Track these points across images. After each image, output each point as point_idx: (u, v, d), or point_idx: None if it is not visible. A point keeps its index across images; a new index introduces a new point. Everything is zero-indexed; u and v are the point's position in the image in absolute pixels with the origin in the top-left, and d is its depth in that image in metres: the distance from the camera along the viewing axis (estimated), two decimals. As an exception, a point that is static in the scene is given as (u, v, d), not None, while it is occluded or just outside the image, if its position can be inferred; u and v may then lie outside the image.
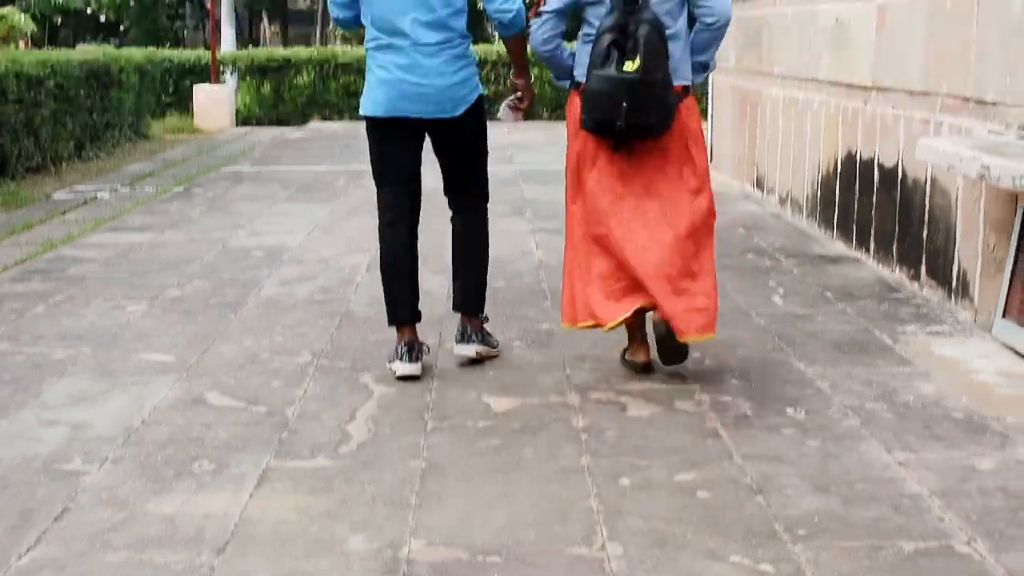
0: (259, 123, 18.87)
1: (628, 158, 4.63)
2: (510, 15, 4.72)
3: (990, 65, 5.49)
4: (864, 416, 4.26)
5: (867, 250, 7.17)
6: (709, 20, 4.59)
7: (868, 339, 5.36)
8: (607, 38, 4.42)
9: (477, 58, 4.99)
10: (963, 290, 5.74)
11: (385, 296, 4.94)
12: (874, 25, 7.04)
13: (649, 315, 4.72)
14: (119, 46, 23.19)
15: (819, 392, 4.56)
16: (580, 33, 4.68)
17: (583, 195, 4.72)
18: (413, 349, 4.78)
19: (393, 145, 4.87)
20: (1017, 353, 5.02)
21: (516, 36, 4.83)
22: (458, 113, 4.78)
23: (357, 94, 18.64)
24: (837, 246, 7.65)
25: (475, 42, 6.48)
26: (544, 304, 6.06)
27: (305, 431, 4.15)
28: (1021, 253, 5.16)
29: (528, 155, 12.10)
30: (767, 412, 4.32)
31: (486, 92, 5.07)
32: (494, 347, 5.11)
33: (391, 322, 4.92)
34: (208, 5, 23.18)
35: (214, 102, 17.98)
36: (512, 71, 5.19)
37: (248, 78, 19.50)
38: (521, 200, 9.59)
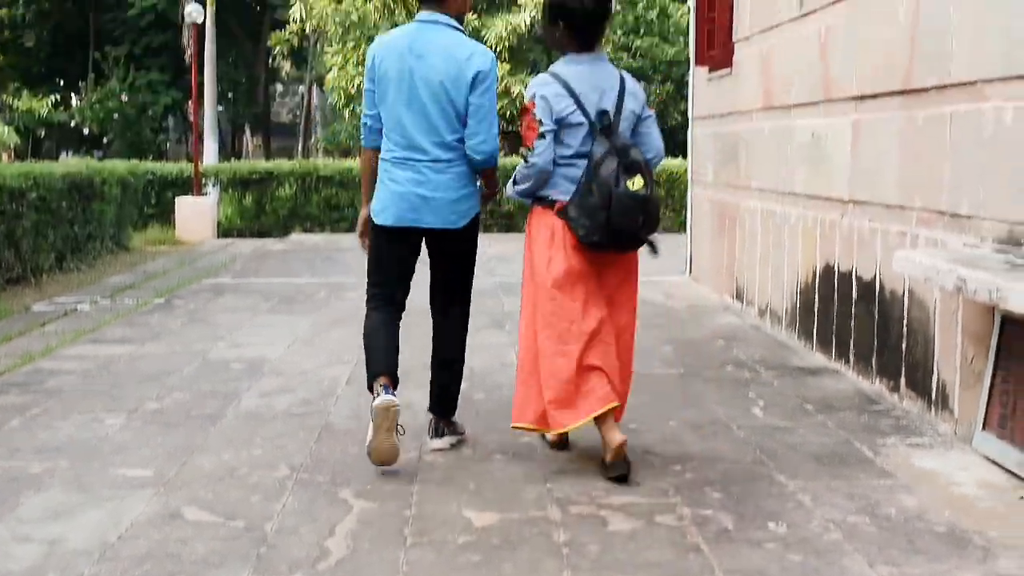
0: (240, 235, 18.94)
1: (600, 265, 5.08)
2: (484, 156, 5.17)
3: (963, 179, 5.58)
4: (846, 530, 4.24)
5: (847, 362, 7.19)
6: (650, 155, 5.08)
7: (849, 451, 5.36)
8: (613, 161, 4.84)
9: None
10: (943, 402, 5.76)
11: (366, 358, 5.26)
12: (849, 140, 7.15)
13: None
14: (102, 158, 23.37)
15: (800, 505, 4.54)
16: (547, 146, 4.99)
17: (552, 299, 5.08)
18: (389, 388, 5.01)
19: (396, 249, 5.30)
20: (998, 465, 5.02)
21: (487, 170, 5.30)
22: (460, 225, 5.22)
23: (339, 207, 18.92)
24: (817, 358, 7.68)
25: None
26: (525, 416, 6.03)
27: (283, 547, 4.10)
28: (999, 366, 5.18)
29: (508, 267, 12.13)
30: (749, 526, 4.30)
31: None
32: (461, 433, 5.57)
33: (370, 376, 5.16)
34: (191, 118, 23.41)
35: (196, 214, 18.06)
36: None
37: (230, 190, 19.62)
38: (501, 312, 9.61)
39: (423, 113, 5.11)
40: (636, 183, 4.82)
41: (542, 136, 4.97)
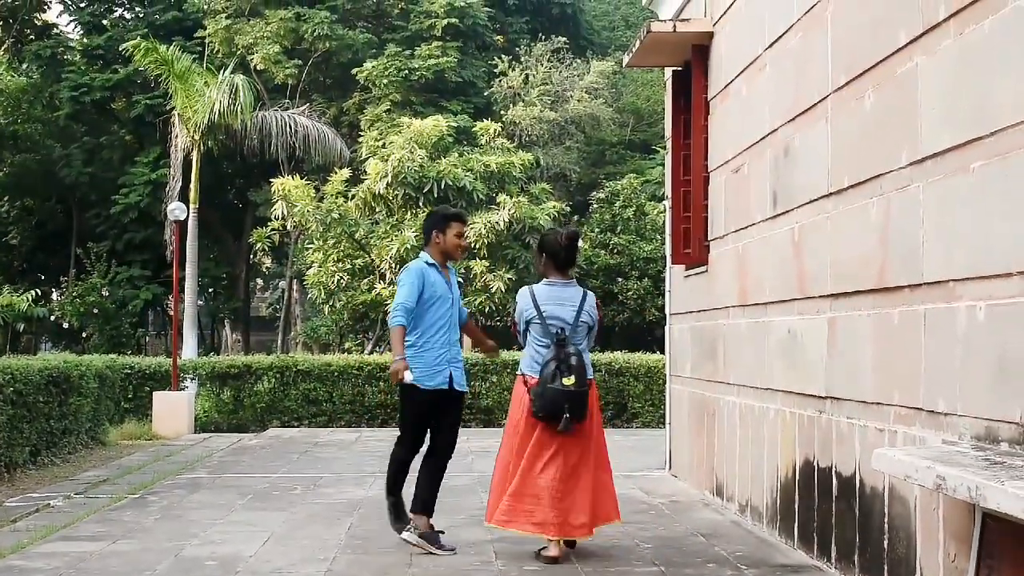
0: (218, 429, 18.81)
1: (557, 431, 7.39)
2: (464, 317, 8.20)
3: (939, 376, 5.63)
4: None
5: (829, 559, 7.12)
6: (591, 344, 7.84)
7: (834, 653, 5.26)
8: (552, 364, 7.32)
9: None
10: (927, 601, 5.68)
11: (392, 474, 7.99)
12: (825, 337, 7.23)
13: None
14: (81, 352, 23.34)
15: None
16: (528, 337, 7.61)
17: (517, 440, 7.53)
18: (402, 516, 7.91)
19: (428, 405, 7.81)
20: (985, 667, 4.92)
21: (466, 325, 8.29)
22: (466, 389, 8.08)
23: (317, 401, 18.88)
24: (799, 555, 7.60)
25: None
26: (504, 616, 5.93)
27: None
28: (982, 563, 5.13)
29: (487, 462, 12.01)
30: None
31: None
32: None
33: (391, 492, 7.99)
34: (172, 313, 23.49)
35: (173, 409, 17.96)
36: (479, 348, 8.67)
37: (208, 384, 19.58)
38: (480, 507, 9.50)
39: None
40: (568, 380, 7.26)
41: (519, 330, 7.74)
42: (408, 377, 7.54)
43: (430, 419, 7.83)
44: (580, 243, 7.85)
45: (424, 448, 8.04)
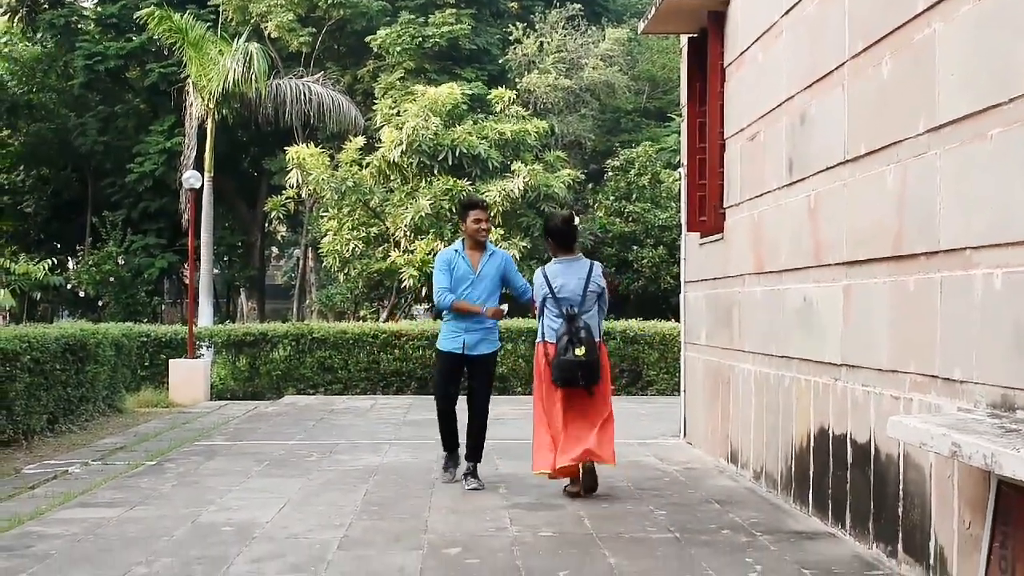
0: (234, 397, 18.89)
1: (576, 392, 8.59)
2: (527, 296, 9.26)
3: (955, 344, 5.61)
4: None
5: (843, 526, 7.13)
6: (604, 316, 8.91)
7: (848, 619, 5.28)
8: (565, 338, 8.39)
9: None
10: (942, 567, 5.70)
11: (440, 431, 9.34)
12: (841, 305, 7.22)
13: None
14: (97, 321, 23.42)
15: (801, 675, 4.46)
16: (544, 310, 8.67)
17: (548, 404, 8.65)
18: (449, 467, 9.38)
19: (448, 364, 9.23)
20: (1000, 633, 4.93)
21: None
22: (482, 353, 9.13)
23: (332, 368, 18.94)
24: (813, 522, 7.61)
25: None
26: (519, 582, 5.96)
27: None
28: (997, 530, 5.14)
29: (503, 429, 12.10)
30: None
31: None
32: (481, 487, 8.91)
33: (445, 447, 9.40)
34: (187, 281, 23.55)
35: (189, 376, 18.04)
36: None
37: (224, 352, 19.64)
38: (496, 475, 9.55)
39: None
40: (579, 351, 8.30)
41: (537, 307, 8.81)
42: (504, 308, 9.23)
43: (453, 377, 9.21)
44: (577, 222, 8.86)
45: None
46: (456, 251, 9.21)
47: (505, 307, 9.31)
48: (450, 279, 9.05)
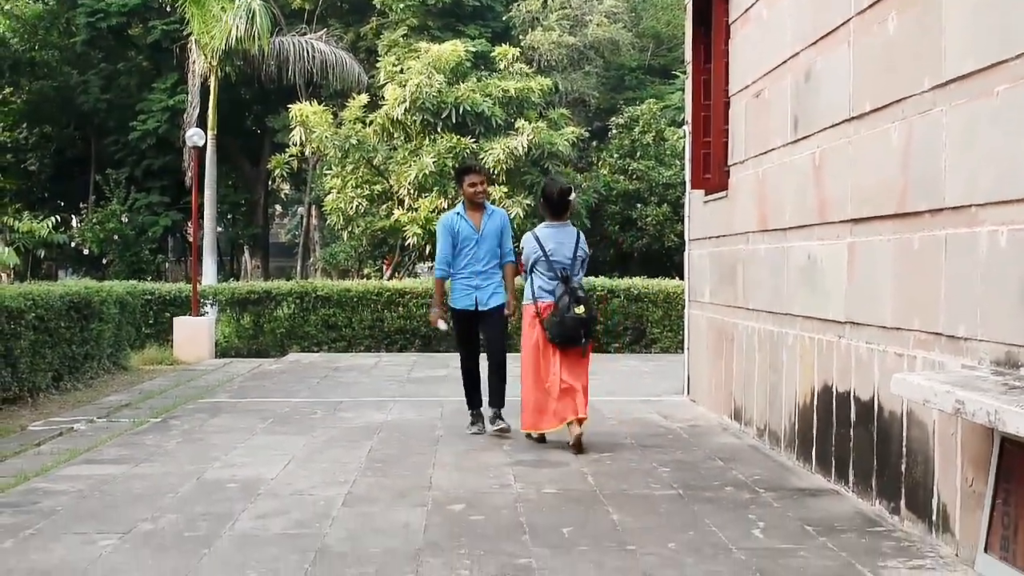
0: (238, 354, 18.93)
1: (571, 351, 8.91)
2: (509, 259, 9.74)
3: (959, 301, 5.61)
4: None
5: (846, 483, 7.15)
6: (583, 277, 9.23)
7: (851, 574, 5.30)
8: (565, 298, 8.74)
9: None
10: (944, 524, 5.72)
11: (465, 390, 9.85)
12: (845, 262, 7.20)
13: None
14: (101, 278, 23.44)
15: (803, 630, 4.48)
16: (534, 272, 9.01)
17: (539, 358, 8.91)
18: (477, 422, 9.74)
19: (463, 321, 9.67)
20: (1001, 589, 4.96)
21: (509, 265, 9.78)
22: (493, 306, 9.56)
23: (336, 326, 18.97)
24: (816, 479, 7.64)
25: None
26: (523, 538, 5.98)
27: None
28: (1000, 487, 5.15)
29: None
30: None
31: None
32: (508, 428, 9.47)
33: (469, 406, 9.86)
34: (191, 239, 23.52)
35: (193, 334, 18.07)
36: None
37: (228, 310, 19.66)
38: (495, 438, 9.57)
39: None
40: (579, 310, 8.68)
41: (525, 269, 9.16)
42: (442, 325, 9.69)
43: (470, 332, 9.72)
44: (573, 197, 9.12)
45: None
46: (458, 214, 9.73)
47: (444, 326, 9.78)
48: (452, 244, 9.60)
